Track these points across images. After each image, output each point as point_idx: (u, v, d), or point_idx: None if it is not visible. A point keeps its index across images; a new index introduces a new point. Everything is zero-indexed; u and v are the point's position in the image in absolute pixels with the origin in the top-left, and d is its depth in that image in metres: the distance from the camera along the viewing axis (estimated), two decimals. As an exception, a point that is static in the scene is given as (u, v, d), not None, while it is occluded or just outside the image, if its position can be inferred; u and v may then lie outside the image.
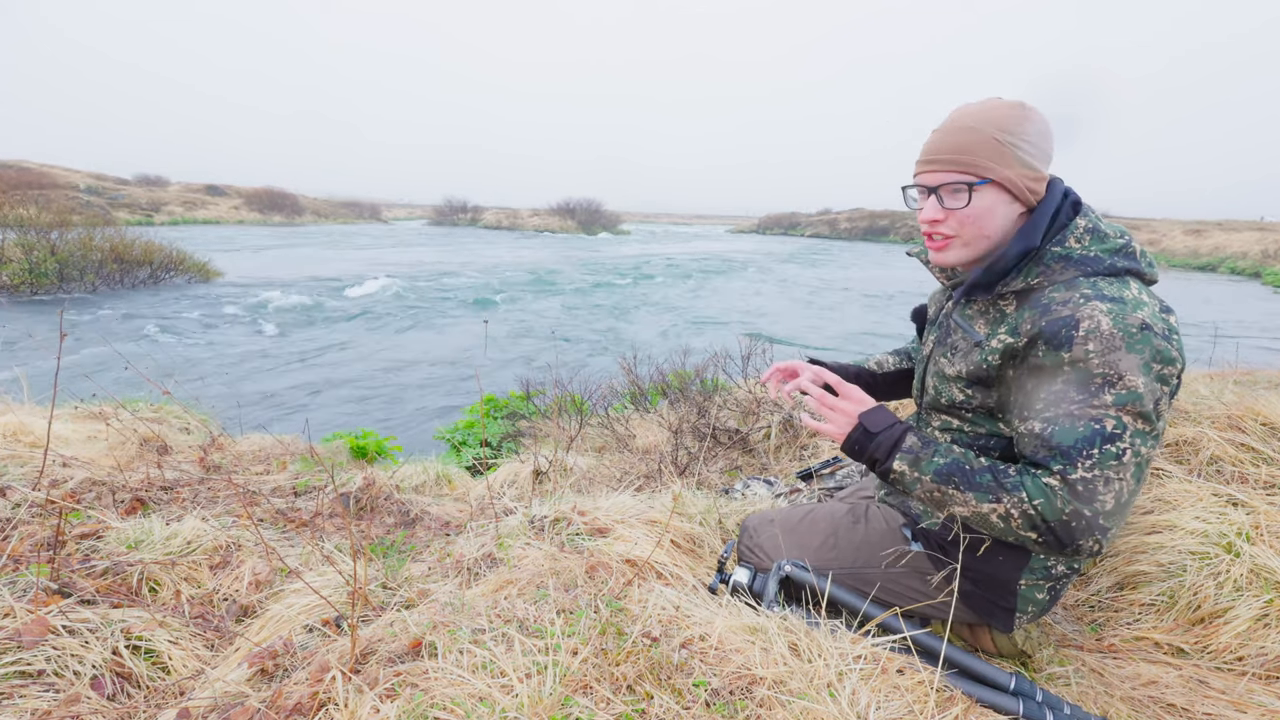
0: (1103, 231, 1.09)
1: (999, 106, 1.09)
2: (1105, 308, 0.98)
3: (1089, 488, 0.96)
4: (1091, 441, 0.97)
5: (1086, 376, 0.98)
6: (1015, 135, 1.06)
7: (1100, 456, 0.96)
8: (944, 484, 1.08)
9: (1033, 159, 1.08)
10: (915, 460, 1.12)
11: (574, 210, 55.63)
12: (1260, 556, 1.43)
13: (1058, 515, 0.98)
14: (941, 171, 1.10)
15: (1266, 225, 33.73)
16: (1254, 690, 1.25)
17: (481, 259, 25.69)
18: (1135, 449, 0.96)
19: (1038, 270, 1.07)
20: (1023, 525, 1.01)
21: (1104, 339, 0.97)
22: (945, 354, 1.22)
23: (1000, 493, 1.03)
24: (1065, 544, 1.00)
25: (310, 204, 51.66)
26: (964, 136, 1.08)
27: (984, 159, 1.06)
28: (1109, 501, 0.97)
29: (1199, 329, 10.36)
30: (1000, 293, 1.11)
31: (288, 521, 2.05)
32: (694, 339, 10.08)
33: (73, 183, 35.89)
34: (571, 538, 1.46)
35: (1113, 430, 0.96)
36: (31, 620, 1.22)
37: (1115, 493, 0.97)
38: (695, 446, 2.80)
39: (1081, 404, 0.98)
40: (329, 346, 10.12)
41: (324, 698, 0.98)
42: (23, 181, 22.72)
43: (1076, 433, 0.98)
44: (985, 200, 1.09)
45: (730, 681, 1.00)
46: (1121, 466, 0.96)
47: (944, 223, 1.12)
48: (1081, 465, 0.97)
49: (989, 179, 1.07)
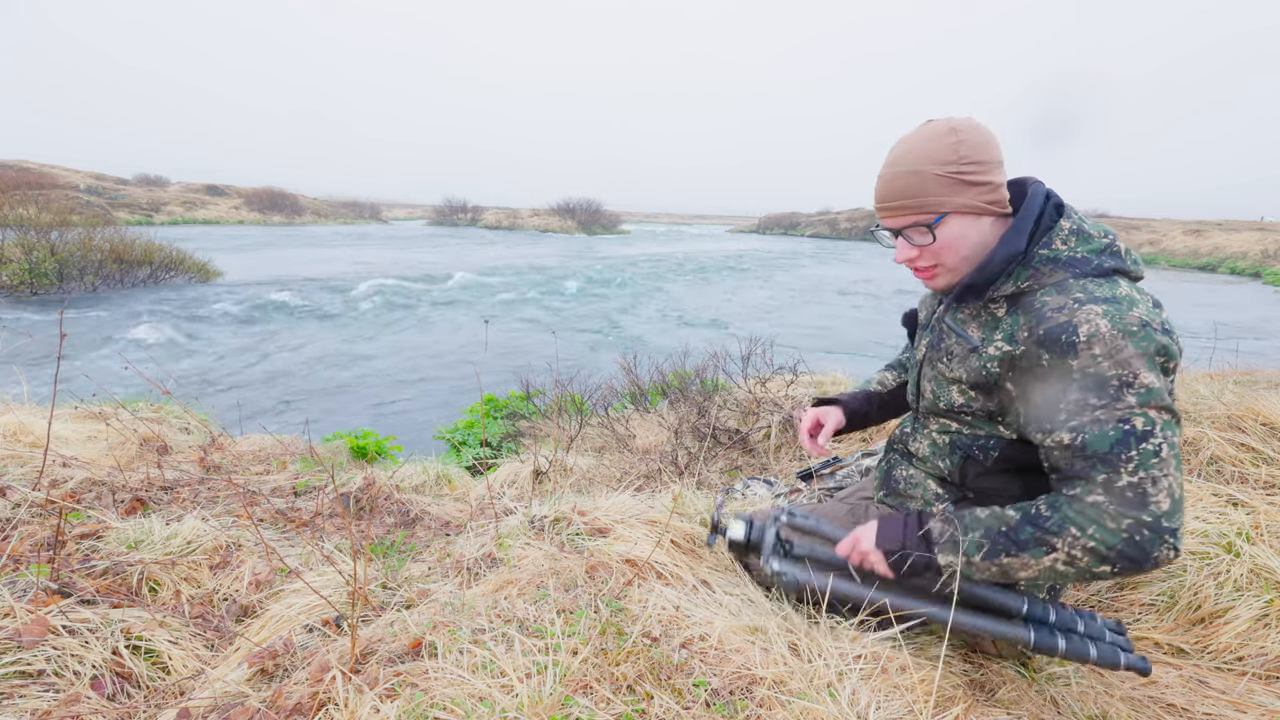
0: (1087, 232, 1.09)
1: (931, 139, 1.09)
2: (1101, 310, 0.98)
3: (1139, 492, 0.93)
4: (1126, 444, 0.94)
5: (1101, 380, 0.96)
6: (954, 163, 1.07)
7: (1141, 457, 0.94)
8: (994, 558, 1.04)
9: (980, 175, 1.08)
10: (954, 545, 1.07)
11: (574, 210, 55.63)
12: (1260, 556, 1.43)
13: (1117, 536, 0.94)
14: (898, 216, 1.12)
15: (1266, 225, 33.74)
16: (1254, 690, 1.25)
17: (481, 259, 25.70)
18: (1170, 441, 0.95)
19: (1027, 274, 1.08)
20: (1092, 562, 0.96)
21: (1107, 341, 0.96)
22: (942, 359, 1.22)
23: (1050, 538, 0.98)
24: (1141, 561, 0.94)
25: (310, 204, 51.65)
26: (907, 180, 1.09)
27: (933, 197, 1.08)
28: (1164, 501, 0.93)
29: (1199, 329, 10.37)
30: (991, 297, 1.12)
31: (288, 521, 2.05)
32: (694, 339, 10.09)
33: (73, 183, 35.89)
34: (571, 538, 1.47)
35: (1144, 428, 0.94)
36: (31, 620, 1.22)
37: (1168, 489, 0.93)
38: (695, 446, 2.81)
39: (1105, 408, 0.96)
40: (329, 346, 10.12)
41: (324, 698, 0.98)
42: (23, 181, 22.71)
43: (1109, 437, 0.95)
44: (950, 230, 1.10)
45: (730, 681, 1.00)
46: (1163, 462, 0.94)
47: (920, 258, 1.15)
48: (1125, 470, 0.94)
49: (945, 213, 1.09)
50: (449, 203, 59.45)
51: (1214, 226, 33.63)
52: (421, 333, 11.50)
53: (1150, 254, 32.65)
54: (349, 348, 10.10)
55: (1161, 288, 21.09)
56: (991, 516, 1.07)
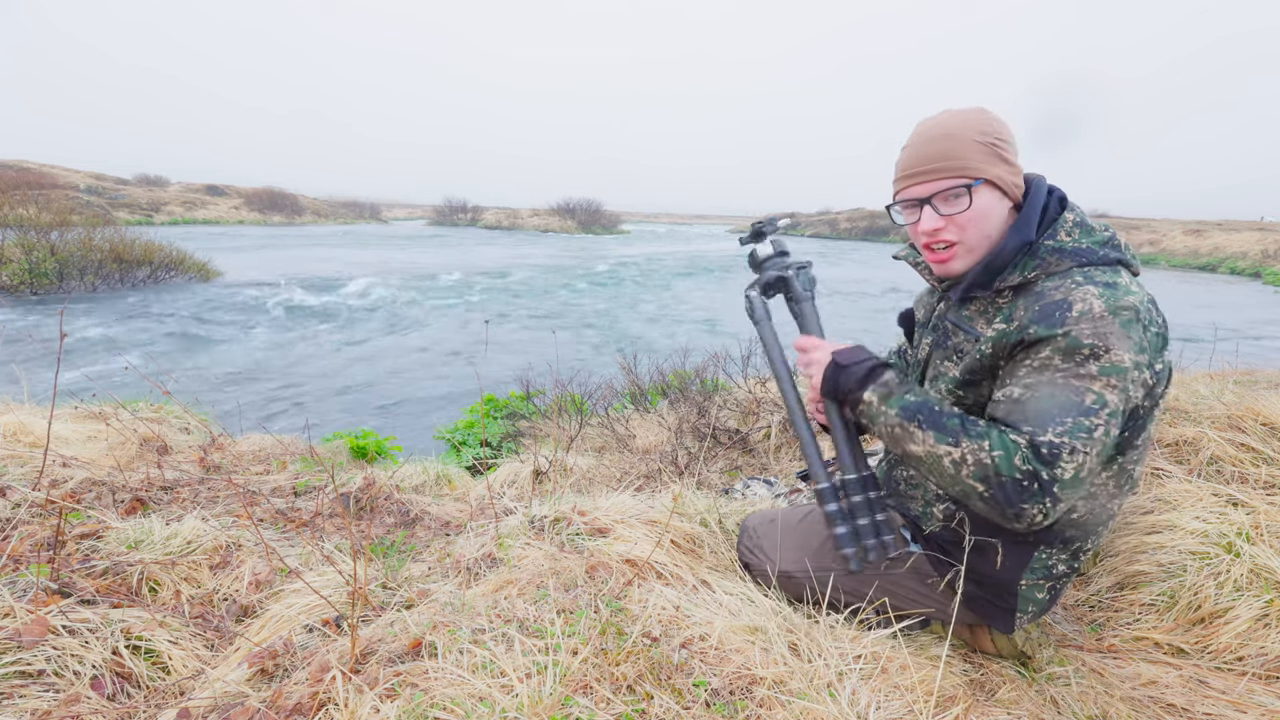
0: (1090, 225, 1.10)
1: (965, 113, 1.11)
2: (1098, 291, 1.00)
3: (1053, 452, 0.95)
4: (1067, 410, 0.96)
5: (1075, 346, 0.98)
6: (991, 135, 1.09)
7: (1072, 426, 0.96)
8: (908, 420, 1.07)
9: (1009, 155, 1.11)
10: (887, 394, 1.12)
11: (574, 210, 55.62)
12: (1260, 556, 1.43)
13: (1012, 471, 0.96)
14: (933, 180, 1.10)
15: (1266, 225, 33.73)
16: (1254, 690, 1.25)
17: (481, 259, 25.69)
18: (1107, 428, 0.97)
19: (1034, 264, 1.08)
20: (973, 474, 0.99)
21: (1096, 319, 0.98)
22: (949, 357, 1.21)
23: (962, 437, 1.02)
24: (1010, 503, 0.97)
25: (310, 204, 51.63)
26: (946, 143, 1.09)
27: (974, 160, 1.08)
28: (1069, 470, 0.95)
29: (1199, 329, 10.36)
30: (998, 289, 1.12)
31: (288, 521, 2.05)
32: (694, 339, 10.08)
33: (73, 183, 35.87)
34: (571, 538, 1.46)
35: (1091, 404, 0.96)
36: (31, 620, 1.22)
37: (1077, 465, 0.95)
38: (695, 446, 2.81)
39: (1066, 373, 0.98)
40: (328, 346, 10.12)
41: (324, 698, 0.98)
42: (23, 181, 22.70)
43: (1055, 400, 0.98)
44: (983, 200, 1.10)
45: (730, 681, 1.00)
46: (1091, 442, 0.96)
47: (944, 230, 1.12)
48: (1052, 430, 0.96)
49: (984, 178, 1.08)
50: (449, 203, 59.44)
51: (1214, 226, 33.62)
52: (421, 332, 11.50)
53: (1150, 254, 32.64)
54: (349, 347, 10.10)
55: (1161, 288, 21.08)
56: (939, 399, 1.11)
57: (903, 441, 1.09)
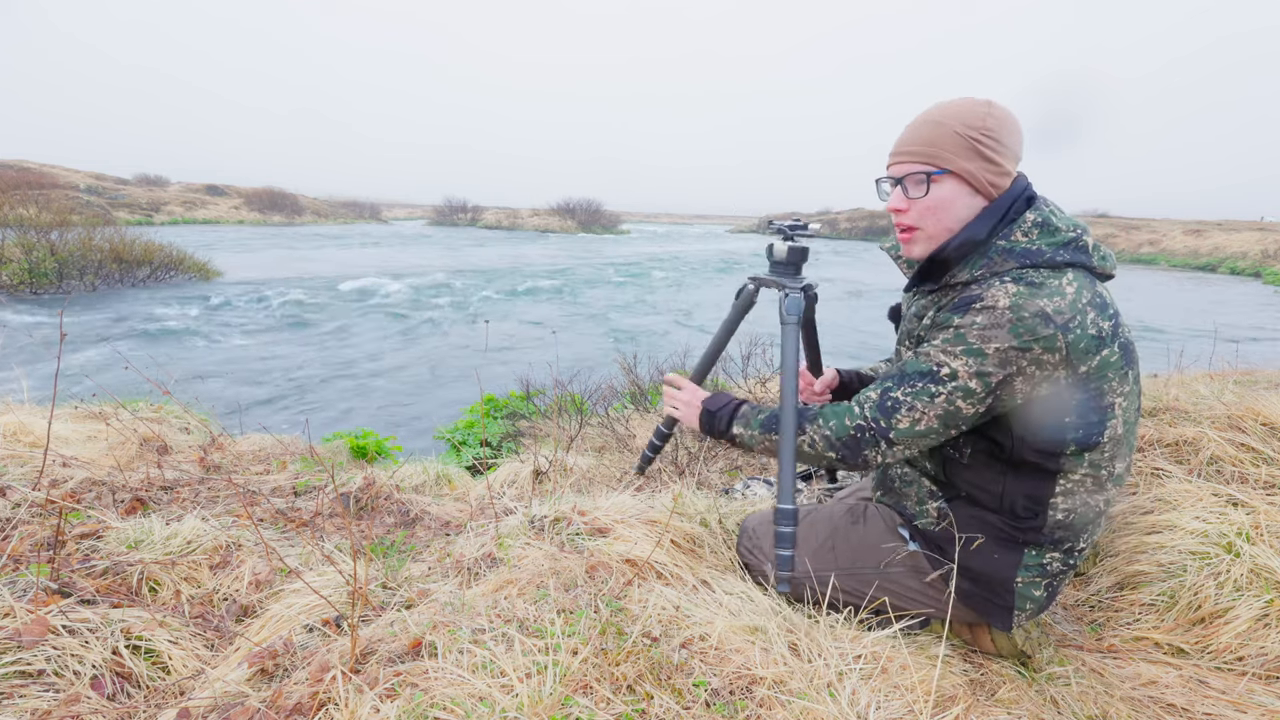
0: (1054, 226, 1.10)
1: (966, 103, 1.12)
2: (1012, 289, 1.03)
3: (895, 405, 1.11)
4: (921, 376, 1.09)
5: (960, 335, 1.05)
6: (977, 130, 1.09)
7: (919, 389, 1.09)
8: (767, 431, 1.25)
9: (995, 154, 1.10)
10: (747, 421, 1.29)
11: (574, 210, 55.59)
12: (1260, 556, 1.43)
13: (845, 432, 1.15)
14: (905, 163, 1.14)
15: (1266, 225, 33.70)
16: (1254, 690, 1.25)
17: (481, 259, 25.69)
18: (951, 399, 1.07)
19: (982, 263, 1.10)
20: (824, 447, 1.19)
21: (993, 314, 1.03)
22: (908, 344, 1.25)
23: (804, 424, 1.21)
24: (854, 451, 1.15)
25: (310, 204, 51.59)
26: (927, 130, 1.12)
27: (944, 150, 1.10)
28: (904, 423, 1.11)
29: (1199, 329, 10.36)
30: (949, 283, 1.14)
31: (288, 521, 2.05)
32: (694, 339, 10.08)
33: (73, 183, 35.85)
34: (571, 538, 1.46)
35: (943, 374, 1.07)
36: (31, 620, 1.22)
37: (914, 420, 1.10)
38: (695, 446, 2.80)
39: (937, 350, 1.09)
40: (328, 346, 10.11)
41: (324, 697, 0.98)
42: (23, 181, 22.70)
43: (918, 366, 1.10)
44: (944, 191, 1.12)
45: (730, 681, 1.00)
46: (932, 404, 1.08)
47: (907, 213, 1.17)
48: (902, 389, 1.11)
49: (947, 169, 1.10)
50: (449, 203, 59.39)
51: (1214, 226, 33.60)
52: (421, 332, 11.50)
53: (1150, 254, 32.63)
54: (349, 347, 10.10)
55: (1162, 288, 20.99)
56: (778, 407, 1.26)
57: (773, 451, 1.25)
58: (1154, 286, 5.44)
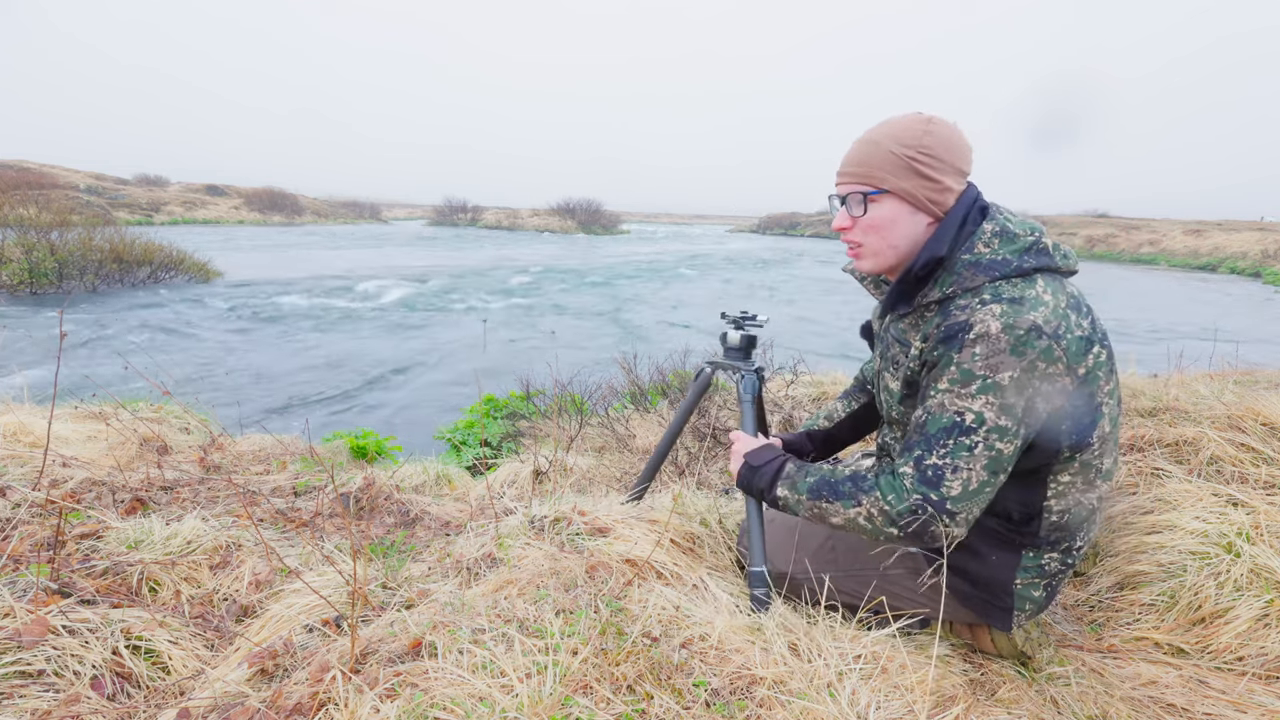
0: (1012, 232, 1.10)
1: (905, 121, 1.13)
2: (999, 310, 1.02)
3: (937, 473, 1.04)
4: (950, 432, 1.04)
5: (967, 375, 1.03)
6: (912, 148, 1.10)
7: (954, 447, 1.04)
8: (816, 499, 1.17)
9: (932, 171, 1.11)
10: (793, 484, 1.22)
11: (574, 210, 55.57)
12: (1260, 556, 1.43)
13: (905, 505, 1.06)
14: (845, 183, 1.16)
15: (1266, 225, 33.69)
16: (1254, 690, 1.25)
17: (480, 259, 25.70)
18: (989, 444, 1.03)
19: (951, 279, 1.10)
20: (883, 523, 1.09)
21: (990, 341, 1.01)
22: (889, 368, 1.25)
23: (860, 495, 1.11)
24: (918, 534, 1.07)
25: (310, 204, 51.58)
26: (864, 150, 1.13)
27: (879, 170, 1.11)
28: (956, 488, 1.04)
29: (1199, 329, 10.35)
30: (922, 303, 1.14)
31: (288, 521, 2.05)
32: (694, 339, 10.08)
33: (73, 183, 35.84)
34: (571, 538, 1.46)
35: (970, 424, 1.03)
36: (31, 620, 1.22)
37: (963, 480, 1.03)
38: (695, 446, 2.80)
39: (952, 396, 1.05)
40: (328, 346, 10.11)
41: (324, 698, 0.98)
42: (23, 181, 22.70)
43: (940, 423, 1.05)
44: (883, 210, 1.13)
45: (730, 681, 1.00)
46: (973, 458, 1.03)
47: (851, 231, 1.18)
48: (936, 453, 1.05)
49: (884, 189, 1.12)
50: (449, 203, 59.38)
51: (1214, 226, 33.58)
52: (421, 332, 11.50)
53: (1150, 254, 32.62)
54: (349, 347, 10.10)
55: (1161, 288, 20.95)
56: (830, 470, 1.20)
57: (823, 518, 1.18)
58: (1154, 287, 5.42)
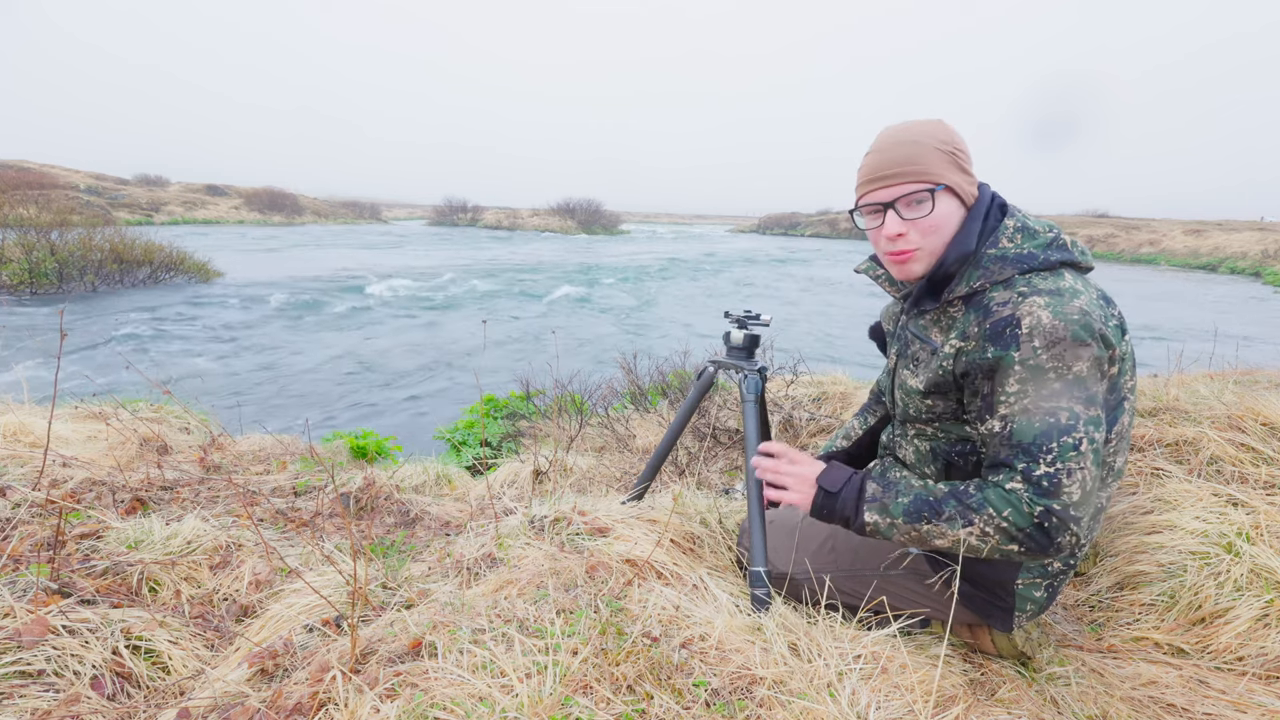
0: (1032, 229, 1.12)
1: (926, 123, 1.14)
2: (1043, 301, 1.02)
3: (1054, 482, 0.99)
4: (1050, 435, 1.00)
5: (1038, 372, 1.01)
6: (949, 144, 1.12)
7: (1060, 450, 0.99)
8: (916, 523, 1.09)
9: (968, 165, 1.14)
10: (883, 507, 1.13)
11: (574, 210, 55.59)
12: (1260, 556, 1.43)
13: (1029, 520, 1.00)
14: (897, 184, 1.12)
15: (1266, 225, 33.70)
16: (1254, 690, 1.25)
17: (480, 260, 25.69)
18: (1090, 436, 1.00)
19: (978, 274, 1.10)
20: (1001, 540, 1.03)
21: (1047, 333, 1.00)
22: (908, 366, 1.24)
23: (970, 514, 1.04)
24: (1046, 546, 1.01)
25: (310, 204, 51.58)
26: (911, 149, 1.12)
27: (936, 166, 1.11)
28: (1075, 492, 0.99)
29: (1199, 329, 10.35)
30: (948, 299, 1.14)
31: (288, 521, 2.05)
32: (694, 339, 10.08)
33: (73, 183, 35.84)
34: (571, 537, 1.46)
35: (1067, 422, 0.99)
36: (31, 620, 1.22)
37: (1080, 482, 0.99)
38: (695, 446, 2.80)
39: (1035, 399, 1.01)
40: (329, 346, 10.11)
41: (324, 697, 0.98)
42: (23, 181, 22.71)
43: (1034, 429, 1.00)
44: (944, 206, 1.13)
45: (730, 681, 1.00)
46: (1081, 456, 0.99)
47: (906, 236, 1.14)
48: (1044, 461, 0.99)
49: (944, 184, 1.11)
50: (449, 203, 59.40)
51: (1214, 226, 33.60)
52: (421, 332, 11.50)
53: (1150, 254, 32.62)
54: (349, 347, 10.10)
55: (1161, 287, 20.94)
56: (922, 485, 1.12)
57: (926, 542, 1.10)
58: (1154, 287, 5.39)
